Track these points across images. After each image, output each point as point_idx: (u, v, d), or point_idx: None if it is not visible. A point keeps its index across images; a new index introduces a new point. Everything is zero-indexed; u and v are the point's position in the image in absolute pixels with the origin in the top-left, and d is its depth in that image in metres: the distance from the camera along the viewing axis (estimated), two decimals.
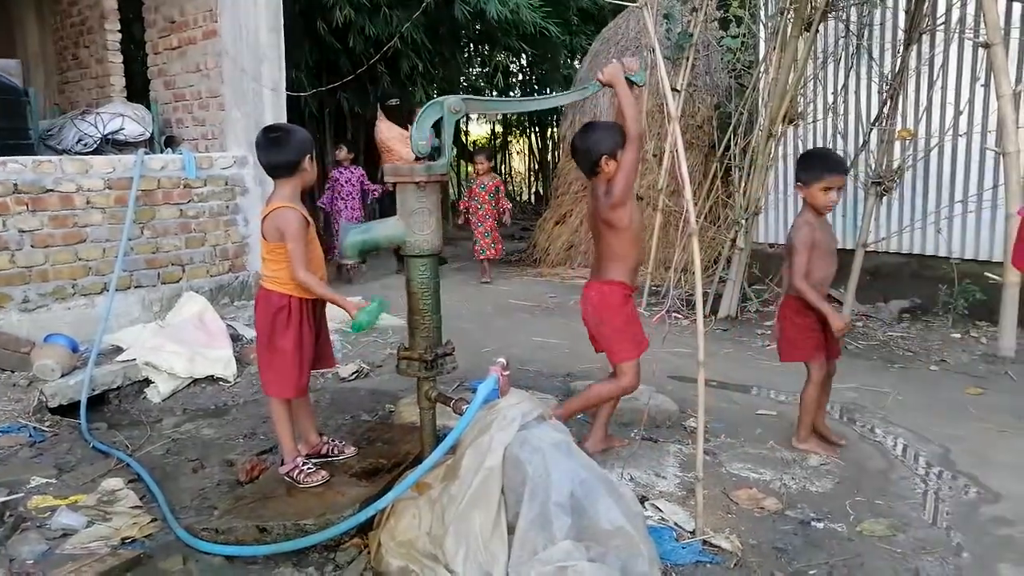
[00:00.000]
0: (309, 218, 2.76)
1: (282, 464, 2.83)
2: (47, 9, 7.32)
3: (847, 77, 6.00)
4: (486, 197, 7.44)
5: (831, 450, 3.26)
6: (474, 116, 16.31)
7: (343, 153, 7.52)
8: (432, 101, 2.61)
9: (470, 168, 17.33)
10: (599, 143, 2.94)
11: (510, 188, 17.65)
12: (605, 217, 2.99)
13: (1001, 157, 4.49)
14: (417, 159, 2.60)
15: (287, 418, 2.84)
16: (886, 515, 2.73)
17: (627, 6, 6.97)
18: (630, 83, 2.88)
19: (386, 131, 5.63)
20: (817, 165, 3.15)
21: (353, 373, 4.30)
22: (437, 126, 2.60)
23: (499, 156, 17.07)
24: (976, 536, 2.59)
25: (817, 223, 3.15)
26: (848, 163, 3.22)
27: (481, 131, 18.65)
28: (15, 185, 4.25)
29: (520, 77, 14.33)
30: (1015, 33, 5.01)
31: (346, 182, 7.44)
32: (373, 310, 2.61)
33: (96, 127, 5.51)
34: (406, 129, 5.83)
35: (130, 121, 5.65)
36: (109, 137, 5.54)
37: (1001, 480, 2.98)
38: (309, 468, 2.77)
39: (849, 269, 5.15)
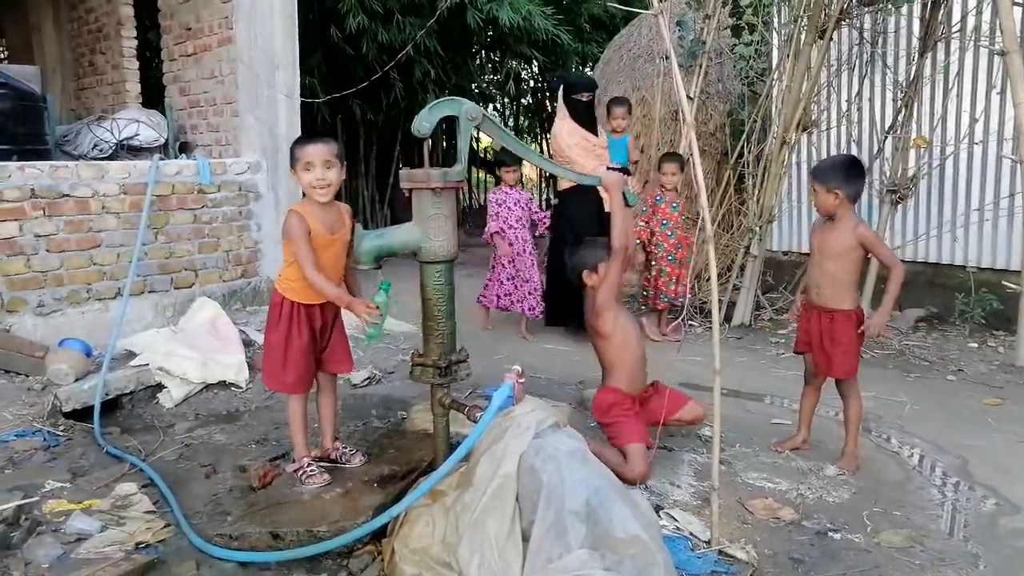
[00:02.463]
0: (317, 224, 2.74)
1: (292, 462, 2.89)
2: (64, 16, 7.39)
3: (861, 85, 5.97)
4: (678, 220, 5.40)
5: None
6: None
7: (511, 173, 5.54)
8: (450, 98, 2.62)
9: (483, 175, 17.45)
10: (582, 259, 3.23)
11: None
12: (592, 324, 3.20)
13: (1018, 165, 4.46)
14: (433, 166, 2.60)
15: (301, 418, 2.89)
16: (904, 526, 2.70)
17: (639, 13, 6.97)
18: (625, 199, 3.07)
19: (567, 136, 5.19)
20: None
21: (365, 379, 4.30)
22: (451, 130, 2.60)
23: None
24: (995, 547, 2.56)
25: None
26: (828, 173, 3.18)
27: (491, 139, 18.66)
28: (32, 190, 4.28)
29: (531, 84, 14.34)
30: None
31: (514, 204, 5.48)
32: (381, 309, 2.62)
33: (112, 133, 5.55)
34: (595, 132, 5.28)
35: (145, 127, 5.69)
36: (124, 143, 5.58)
37: (1020, 491, 2.96)
38: (312, 470, 2.79)
39: (864, 277, 5.12)
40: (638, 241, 5.33)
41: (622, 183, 3.07)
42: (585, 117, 5.20)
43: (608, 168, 5.00)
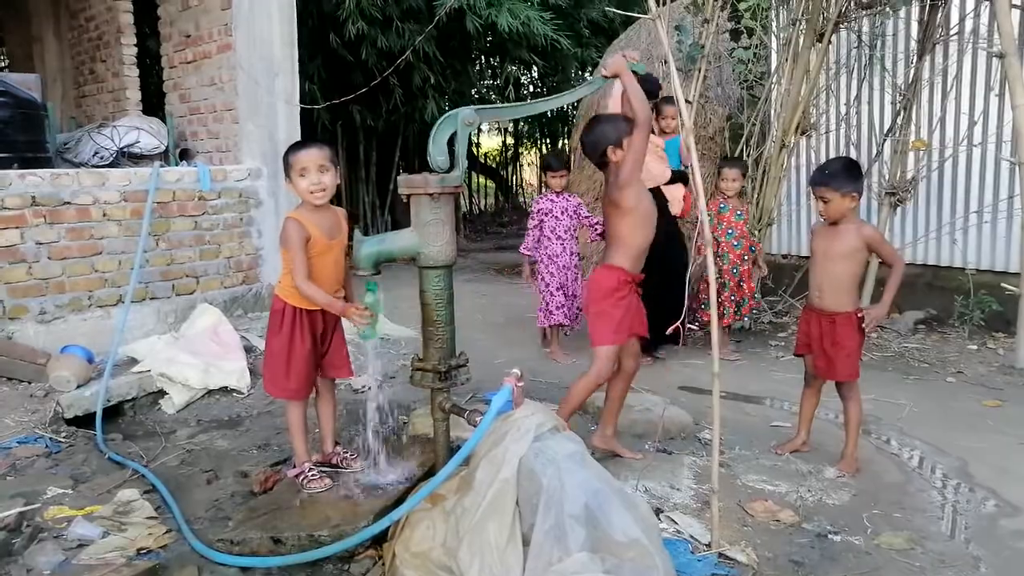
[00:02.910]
0: (316, 230, 2.75)
1: (293, 467, 2.90)
2: (65, 25, 7.42)
3: (860, 88, 5.98)
4: (744, 229, 5.00)
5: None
6: (485, 127, 16.41)
7: (557, 178, 4.92)
8: (446, 115, 2.63)
9: (482, 179, 17.47)
10: (604, 134, 3.07)
11: (520, 200, 17.66)
12: (613, 197, 3.10)
13: (1017, 167, 4.47)
14: (431, 171, 2.61)
15: (301, 423, 2.90)
16: (904, 528, 2.70)
17: (638, 18, 7.00)
18: (634, 73, 3.01)
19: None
20: None
21: (366, 385, 4.30)
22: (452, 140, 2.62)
23: (510, 168, 17.10)
24: (995, 549, 2.56)
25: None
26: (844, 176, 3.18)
27: (493, 143, 18.72)
28: (33, 198, 4.29)
29: (531, 89, 14.37)
30: None
31: (561, 213, 4.92)
32: (373, 322, 2.64)
33: (112, 140, 5.57)
34: (658, 133, 4.87)
35: (146, 134, 5.71)
36: (125, 150, 5.60)
37: (1021, 493, 2.96)
38: (314, 475, 2.80)
39: (863, 278, 5.13)
40: (698, 257, 4.87)
41: (623, 62, 2.99)
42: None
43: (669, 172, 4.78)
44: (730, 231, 4.92)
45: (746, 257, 4.93)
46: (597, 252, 6.11)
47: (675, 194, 4.79)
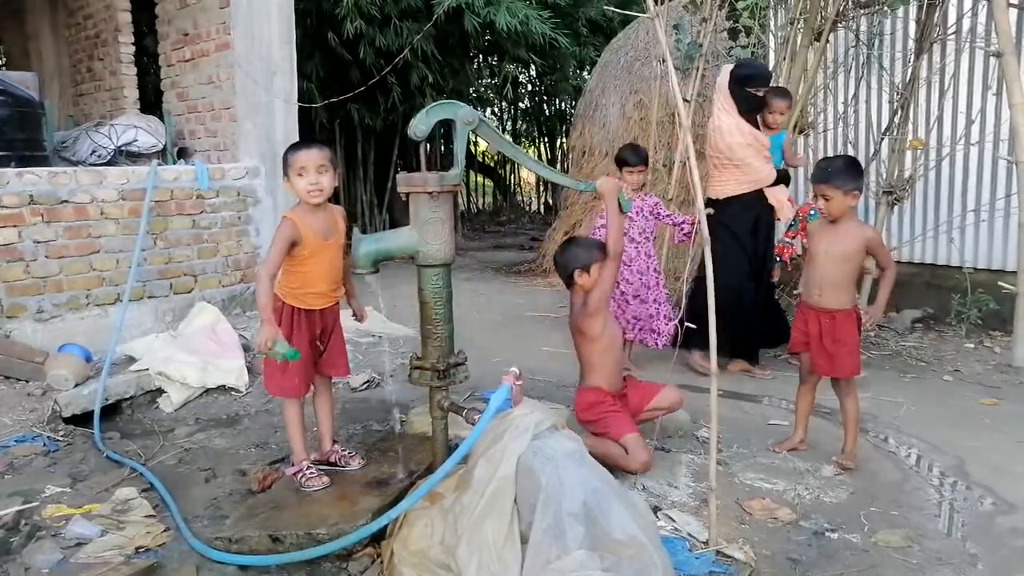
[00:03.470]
0: (310, 231, 2.75)
1: (291, 465, 2.90)
2: (62, 23, 7.41)
3: (858, 87, 5.99)
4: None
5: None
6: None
7: (635, 174, 4.43)
8: (448, 101, 2.63)
9: (480, 178, 17.47)
10: (575, 258, 3.15)
11: (518, 199, 17.66)
12: (579, 324, 3.19)
13: (1014, 166, 4.47)
14: (430, 169, 2.61)
15: (298, 421, 2.91)
16: (901, 526, 2.71)
17: (636, 17, 6.99)
18: (619, 205, 3.06)
19: (738, 134, 4.32)
20: None
21: (364, 383, 4.31)
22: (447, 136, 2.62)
23: (508, 167, 17.10)
24: (992, 547, 2.57)
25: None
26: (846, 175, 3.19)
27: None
28: (31, 196, 4.29)
29: (529, 88, 14.39)
30: None
31: (636, 214, 4.43)
32: (283, 348, 2.63)
33: (110, 139, 5.57)
34: (760, 127, 4.41)
35: (143, 133, 5.70)
36: (123, 148, 5.59)
37: (1017, 491, 2.96)
38: (312, 473, 2.81)
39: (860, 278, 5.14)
40: (779, 259, 4.59)
41: (616, 188, 3.07)
42: (754, 114, 4.42)
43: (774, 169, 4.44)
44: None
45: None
46: (677, 256, 5.99)
47: (779, 197, 4.44)
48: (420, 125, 2.60)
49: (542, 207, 16.87)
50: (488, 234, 13.59)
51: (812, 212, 4.29)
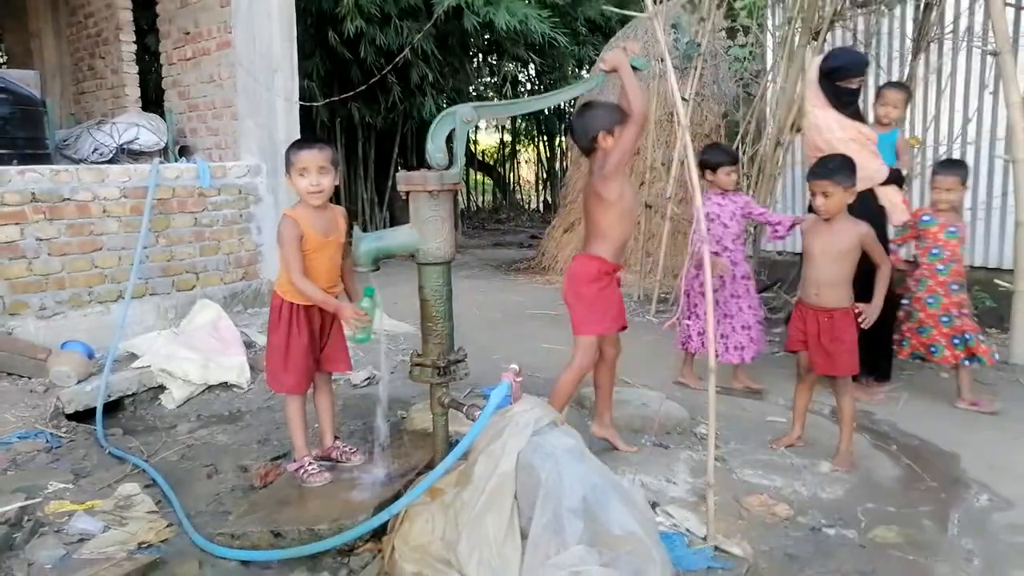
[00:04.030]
0: (311, 228, 2.78)
1: (293, 461, 2.92)
2: (64, 21, 7.42)
3: None
4: (958, 250, 3.94)
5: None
6: (483, 125, 16.41)
7: (730, 175, 4.05)
8: (445, 112, 2.65)
9: (479, 176, 17.48)
10: (596, 119, 2.99)
11: (518, 196, 17.66)
12: (597, 189, 3.03)
13: (1010, 165, 4.49)
14: (430, 168, 2.63)
15: (299, 417, 2.93)
16: (897, 522, 2.73)
17: (635, 16, 7.01)
18: (633, 68, 2.94)
19: (838, 129, 3.82)
20: None
21: (365, 379, 4.32)
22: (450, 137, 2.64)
23: (507, 165, 17.11)
24: (988, 543, 2.59)
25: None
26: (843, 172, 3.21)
27: (490, 140, 18.71)
28: (33, 194, 4.30)
29: (529, 87, 14.38)
30: (1023, 41, 5.02)
31: (730, 218, 4.07)
32: (367, 327, 2.66)
33: (112, 137, 5.58)
34: (873, 123, 3.99)
35: (145, 131, 5.72)
36: (124, 147, 5.60)
37: (1014, 487, 2.98)
38: (313, 469, 2.83)
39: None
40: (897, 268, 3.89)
41: (623, 55, 2.93)
42: (852, 107, 4.00)
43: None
44: (935, 251, 3.90)
45: (955, 287, 3.89)
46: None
47: (893, 198, 3.98)
48: (436, 153, 2.59)
49: (541, 205, 16.89)
50: (488, 232, 13.61)
51: (926, 217, 3.95)
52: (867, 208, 3.75)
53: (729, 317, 4.11)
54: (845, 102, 3.95)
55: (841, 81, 3.92)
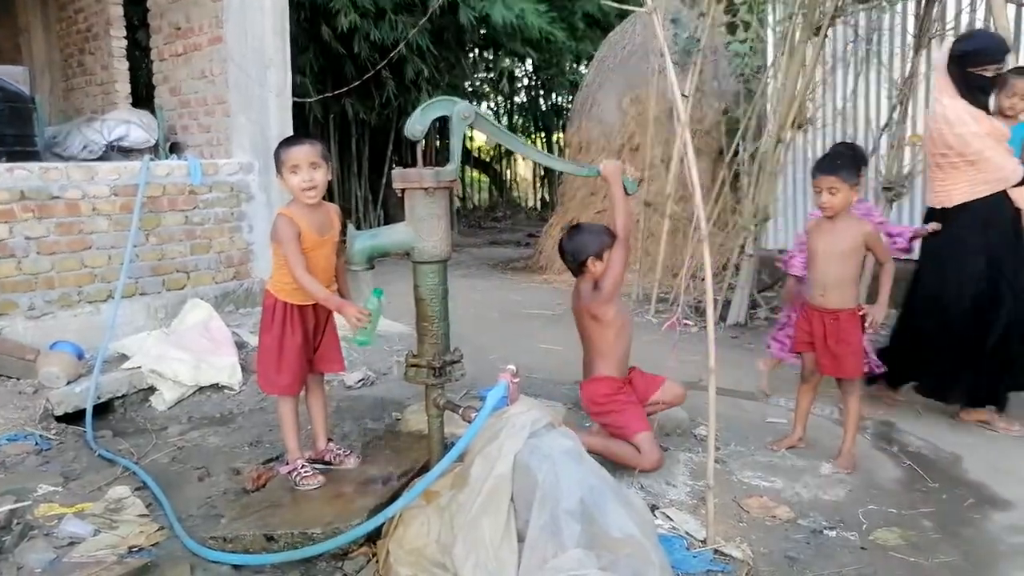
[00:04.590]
0: (307, 226, 2.74)
1: (286, 464, 2.88)
2: (53, 17, 7.35)
3: (856, 82, 5.97)
4: None
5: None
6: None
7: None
8: (444, 97, 2.60)
9: (476, 174, 17.45)
10: (586, 245, 3.10)
11: (515, 195, 17.63)
12: (593, 312, 3.12)
13: None
14: (425, 165, 2.58)
15: (291, 419, 2.89)
16: (898, 524, 2.71)
17: (633, 11, 6.97)
18: (624, 188, 2.98)
19: (972, 122, 3.35)
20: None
21: (359, 380, 4.28)
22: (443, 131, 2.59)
23: (504, 162, 17.08)
24: (989, 545, 2.57)
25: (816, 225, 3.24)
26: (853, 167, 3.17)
27: (485, 137, 18.69)
28: (22, 192, 4.24)
29: (525, 82, 14.37)
30: None
31: None
32: (370, 327, 2.61)
33: (102, 134, 5.52)
34: (998, 114, 3.45)
35: (135, 127, 5.65)
36: (115, 144, 5.54)
37: (1013, 488, 2.97)
38: (306, 471, 2.79)
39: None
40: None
41: (620, 170, 2.98)
42: (984, 99, 3.53)
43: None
44: None
45: None
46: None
47: None
48: (416, 124, 2.56)
49: (539, 203, 16.87)
50: (484, 230, 13.58)
51: None
52: (1001, 212, 3.47)
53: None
54: (977, 92, 3.48)
55: (974, 67, 3.45)
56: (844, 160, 3.13)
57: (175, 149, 5.92)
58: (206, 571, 2.37)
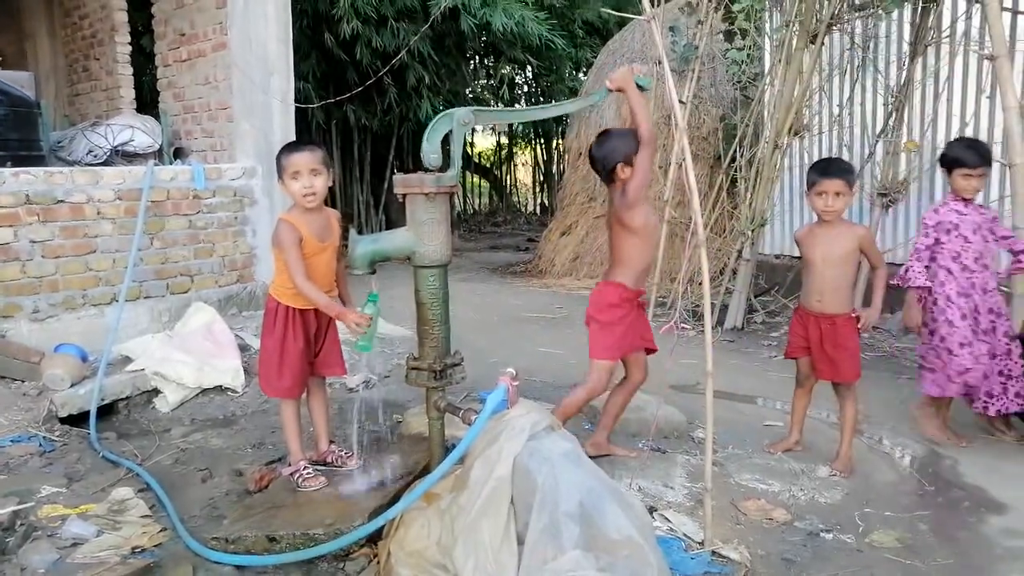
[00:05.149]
0: (308, 232, 2.77)
1: (288, 466, 2.91)
2: (58, 22, 7.39)
3: (852, 89, 6.01)
4: None
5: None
6: (479, 127, 16.41)
7: (973, 178, 3.41)
8: (442, 114, 2.63)
9: (476, 179, 17.45)
10: (614, 151, 3.02)
11: (515, 199, 17.65)
12: (619, 217, 3.07)
13: (1008, 169, 4.49)
14: (426, 171, 2.61)
15: (294, 421, 2.92)
16: (895, 526, 2.73)
17: (632, 19, 7.03)
18: (639, 87, 2.96)
19: None
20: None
21: (360, 383, 4.31)
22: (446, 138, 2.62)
23: (504, 167, 17.10)
24: (985, 548, 2.59)
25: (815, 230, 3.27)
26: (854, 175, 3.23)
27: (486, 143, 18.71)
28: (27, 196, 4.28)
29: (526, 89, 14.39)
30: (1020, 45, 5.02)
31: (973, 232, 3.40)
32: (370, 333, 2.64)
33: (106, 138, 5.55)
34: None
35: (140, 132, 5.69)
36: (119, 148, 5.58)
37: (1009, 491, 2.98)
38: (308, 473, 2.82)
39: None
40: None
41: (629, 74, 2.96)
42: None
43: None
44: None
45: None
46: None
47: None
48: (431, 154, 2.57)
49: (538, 208, 16.88)
50: (484, 235, 13.59)
51: None
52: None
53: (968, 344, 3.38)
54: None
55: None
56: (847, 164, 3.22)
57: (179, 154, 5.95)
58: (209, 572, 2.39)
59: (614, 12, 3.64)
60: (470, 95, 12.27)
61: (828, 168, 3.18)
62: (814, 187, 3.15)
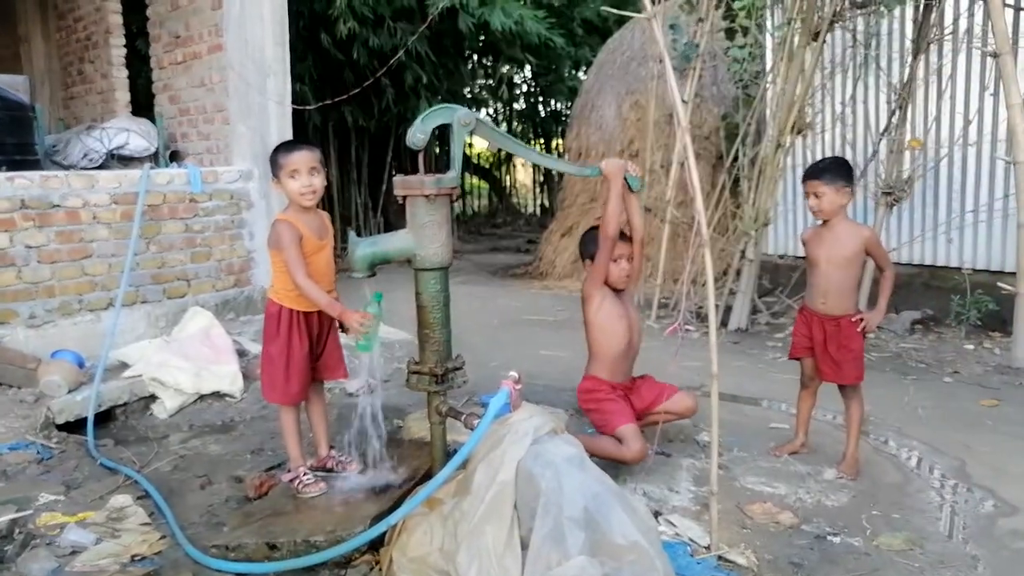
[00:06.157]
0: (307, 230, 2.75)
1: (287, 472, 2.88)
2: (53, 26, 7.37)
3: (855, 87, 5.98)
4: None
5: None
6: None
7: None
8: (444, 105, 2.61)
9: (476, 181, 17.43)
10: (585, 248, 3.27)
11: (515, 201, 17.62)
12: (583, 307, 3.21)
13: (1012, 167, 4.46)
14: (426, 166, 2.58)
15: (294, 427, 2.89)
16: (903, 529, 2.69)
17: (632, 17, 7.00)
18: (628, 185, 3.00)
19: None
20: None
21: (360, 387, 4.27)
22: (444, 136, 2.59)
23: (503, 169, 17.07)
24: (993, 549, 2.56)
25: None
26: (857, 173, 3.20)
27: (484, 144, 18.66)
28: (22, 201, 4.24)
29: (524, 88, 14.38)
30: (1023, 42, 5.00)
31: None
32: (372, 333, 2.60)
33: (102, 142, 5.52)
34: None
35: (135, 136, 5.66)
36: (115, 152, 5.55)
37: (1018, 492, 2.95)
38: (308, 479, 2.79)
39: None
40: None
41: (622, 168, 2.98)
42: None
43: None
44: None
45: None
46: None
47: None
48: (417, 133, 2.56)
49: (538, 209, 16.85)
50: (484, 237, 13.57)
51: None
52: None
53: None
54: None
55: None
56: (826, 164, 3.16)
57: (175, 157, 5.92)
58: None
59: (614, 10, 3.62)
60: (468, 95, 12.25)
61: (808, 170, 3.19)
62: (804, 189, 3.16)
